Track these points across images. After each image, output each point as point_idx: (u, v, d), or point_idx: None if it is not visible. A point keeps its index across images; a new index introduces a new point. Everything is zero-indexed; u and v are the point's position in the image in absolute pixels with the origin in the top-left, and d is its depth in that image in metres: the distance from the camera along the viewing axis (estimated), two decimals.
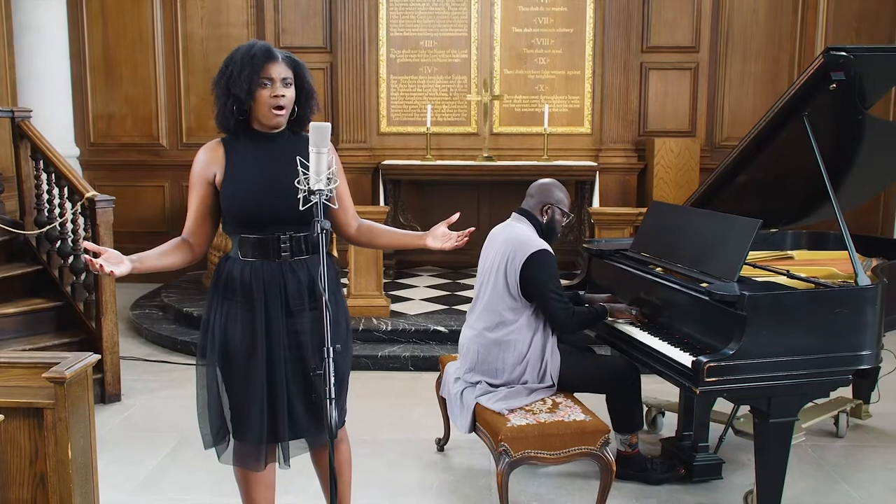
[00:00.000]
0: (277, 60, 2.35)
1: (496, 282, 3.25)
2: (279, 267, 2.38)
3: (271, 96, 2.33)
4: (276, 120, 2.36)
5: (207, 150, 2.45)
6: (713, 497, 3.39)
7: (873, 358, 3.01)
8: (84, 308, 4.61)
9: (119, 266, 2.15)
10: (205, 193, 2.43)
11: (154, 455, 3.81)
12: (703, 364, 2.79)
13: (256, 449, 2.44)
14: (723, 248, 3.18)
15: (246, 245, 2.40)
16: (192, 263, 2.48)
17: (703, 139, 7.36)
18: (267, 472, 2.55)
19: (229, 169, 2.39)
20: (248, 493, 2.57)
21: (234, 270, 2.41)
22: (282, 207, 2.31)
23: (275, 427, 2.41)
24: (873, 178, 3.87)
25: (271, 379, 2.38)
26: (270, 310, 2.37)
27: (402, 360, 5.09)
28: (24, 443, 2.20)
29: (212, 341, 2.43)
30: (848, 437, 4.05)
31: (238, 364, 2.39)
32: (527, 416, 3.02)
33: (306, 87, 2.44)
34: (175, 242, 2.44)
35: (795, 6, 7.36)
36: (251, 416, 2.39)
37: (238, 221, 2.39)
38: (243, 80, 2.30)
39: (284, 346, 2.39)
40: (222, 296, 2.42)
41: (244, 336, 2.38)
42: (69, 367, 2.12)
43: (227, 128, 2.42)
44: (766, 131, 3.45)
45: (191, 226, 2.45)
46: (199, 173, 2.43)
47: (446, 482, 3.55)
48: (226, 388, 2.44)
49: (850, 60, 3.07)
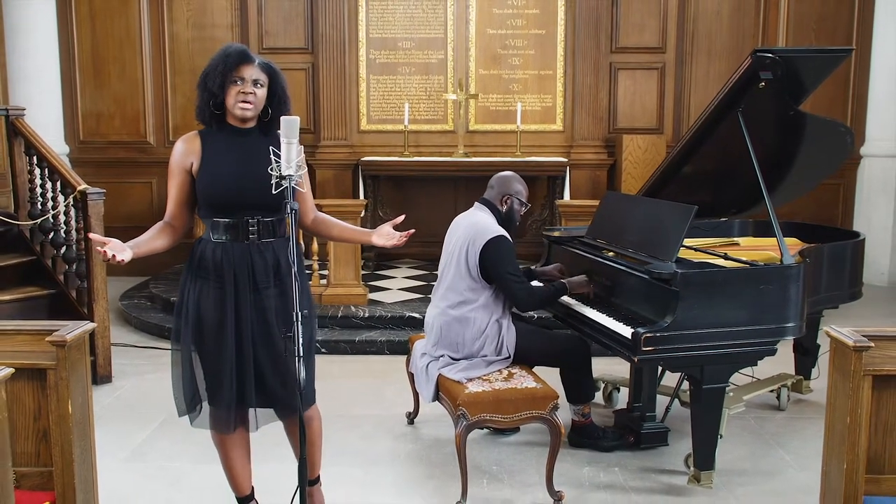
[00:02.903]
0: (251, 63, 2.62)
1: (458, 264, 3.55)
2: (247, 248, 2.65)
3: (239, 92, 2.60)
4: (243, 112, 2.62)
5: (185, 142, 2.72)
6: (658, 461, 3.69)
7: (797, 329, 3.34)
8: (76, 295, 4.88)
9: (123, 253, 2.44)
10: (182, 181, 2.70)
11: (143, 430, 4.08)
12: (640, 335, 3.11)
13: (226, 413, 2.73)
14: (663, 232, 3.48)
15: (218, 228, 2.67)
16: (177, 243, 2.75)
17: (669, 136, 7.68)
18: (239, 434, 2.83)
19: (205, 159, 2.66)
20: (225, 452, 2.87)
21: (206, 251, 2.68)
22: (252, 194, 2.58)
23: (242, 392, 2.69)
24: (814, 169, 4.19)
25: (239, 349, 2.66)
26: (239, 286, 2.65)
27: (378, 344, 5.38)
28: (28, 402, 2.47)
29: (186, 318, 2.70)
30: (789, 410, 4.37)
31: (209, 336, 2.67)
32: (483, 384, 3.32)
33: (279, 92, 2.69)
34: (159, 227, 2.72)
35: (758, 8, 7.71)
36: (222, 384, 2.67)
37: (212, 206, 2.67)
38: (217, 76, 2.59)
39: (252, 320, 2.67)
40: (196, 274, 2.70)
41: (215, 310, 2.66)
42: (70, 332, 2.39)
43: (204, 119, 2.69)
44: (706, 125, 3.77)
45: (172, 210, 2.73)
46: (177, 162, 2.70)
47: (415, 451, 3.85)
48: (199, 358, 2.72)
49: (775, 61, 3.39)
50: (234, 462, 2.88)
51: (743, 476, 3.55)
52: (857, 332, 2.45)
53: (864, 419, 2.44)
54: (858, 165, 7.75)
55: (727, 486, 3.43)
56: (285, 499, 2.66)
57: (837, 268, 3.96)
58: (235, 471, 2.89)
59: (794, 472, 3.60)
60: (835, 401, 2.54)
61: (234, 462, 2.88)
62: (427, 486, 3.47)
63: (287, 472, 2.93)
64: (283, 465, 3.27)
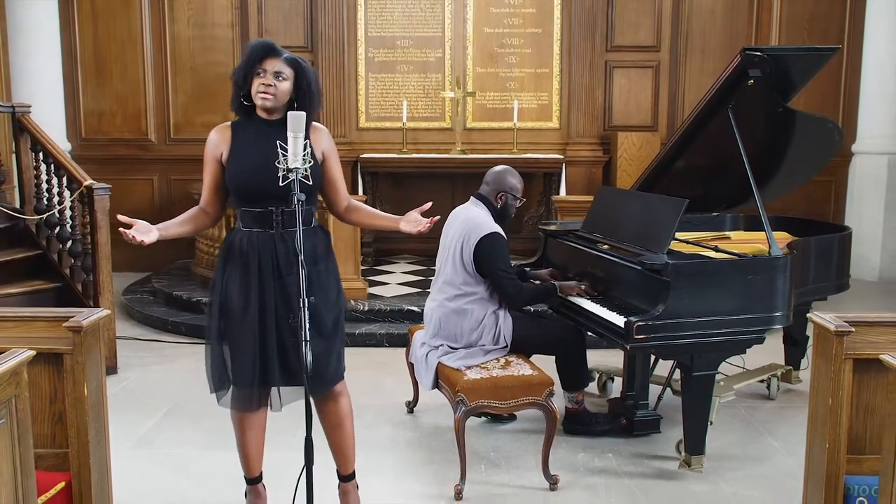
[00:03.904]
0: (275, 56, 2.73)
1: (454, 259, 3.66)
2: (272, 236, 2.77)
3: (261, 83, 2.71)
4: (263, 102, 2.73)
5: (217, 132, 2.85)
6: (651, 447, 3.81)
7: (784, 318, 3.45)
8: (82, 288, 4.98)
9: (148, 235, 2.59)
10: (214, 169, 2.84)
11: (149, 418, 4.19)
12: (632, 324, 3.23)
13: (249, 392, 2.84)
14: (655, 225, 3.60)
15: (246, 217, 2.80)
16: (211, 227, 2.96)
17: (663, 133, 7.80)
18: (258, 414, 2.95)
19: (234, 149, 2.79)
20: (242, 431, 2.97)
21: (235, 239, 2.82)
22: (274, 185, 2.67)
23: (265, 373, 2.80)
24: (804, 164, 4.30)
25: (263, 331, 2.77)
26: (263, 272, 2.76)
27: (377, 336, 5.50)
28: (45, 385, 2.57)
29: (216, 302, 2.84)
30: (778, 399, 4.49)
31: (235, 319, 2.79)
32: (481, 371, 3.44)
33: (303, 86, 2.78)
34: (192, 212, 2.89)
35: (751, 8, 7.84)
36: (245, 364, 2.79)
37: (238, 195, 2.80)
38: (241, 68, 2.74)
39: (277, 305, 2.78)
40: (225, 260, 2.84)
41: (240, 295, 2.78)
42: (86, 318, 2.50)
43: (235, 109, 2.82)
44: (697, 121, 3.88)
45: (206, 197, 2.89)
46: (210, 152, 2.84)
47: (414, 438, 3.96)
48: (226, 340, 2.83)
49: (763, 59, 3.50)
50: (249, 442, 2.98)
51: (733, 461, 3.66)
52: (839, 317, 2.56)
53: (846, 401, 2.56)
54: (850, 162, 7.87)
55: (717, 471, 3.54)
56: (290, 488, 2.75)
57: (824, 260, 4.07)
58: (249, 451, 2.99)
59: (782, 458, 3.72)
60: (818, 384, 2.65)
61: (249, 442, 2.98)
62: (427, 470, 3.58)
63: (297, 459, 3.02)
64: (293, 454, 3.38)
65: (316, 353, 2.58)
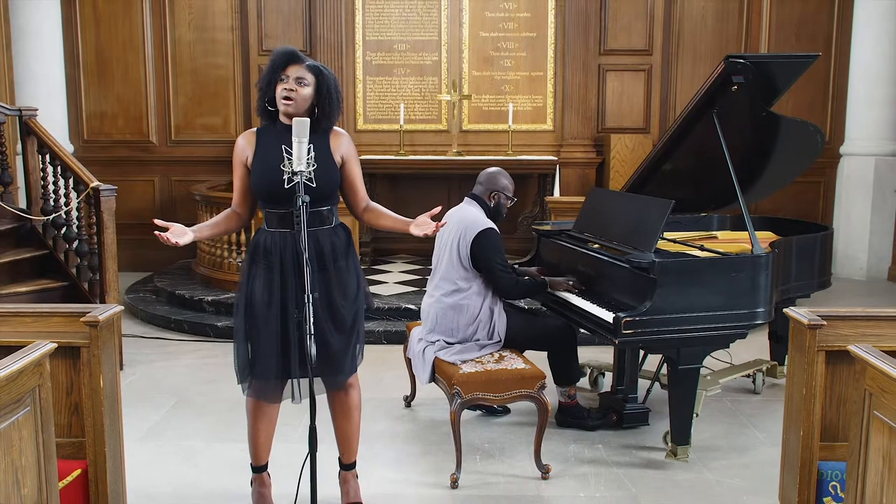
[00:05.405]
0: (298, 63, 2.88)
1: (451, 255, 3.81)
2: (294, 237, 2.89)
3: (283, 89, 2.85)
4: (285, 108, 2.86)
5: (244, 137, 3.01)
6: (639, 439, 3.96)
7: (766, 314, 3.61)
8: (88, 287, 5.11)
9: (183, 237, 2.76)
10: (242, 173, 3.00)
11: (156, 412, 4.33)
12: (621, 319, 3.38)
13: (272, 384, 2.98)
14: (643, 225, 3.75)
15: (271, 218, 2.95)
16: (245, 227, 3.17)
17: (656, 135, 7.94)
18: (274, 406, 3.09)
19: (258, 153, 2.94)
20: (255, 421, 3.10)
21: (261, 239, 2.97)
22: (291, 187, 2.80)
23: (286, 366, 2.93)
24: (788, 166, 4.45)
25: (284, 326, 2.90)
26: (286, 270, 2.90)
27: (376, 334, 5.64)
28: (62, 378, 2.72)
29: (241, 299, 2.98)
30: (764, 393, 4.64)
31: (258, 314, 2.93)
32: (476, 365, 3.59)
33: (324, 91, 2.92)
34: (225, 214, 3.06)
35: (741, 12, 8.00)
36: (269, 358, 2.92)
37: (262, 197, 2.95)
38: (266, 75, 2.89)
39: (297, 301, 2.89)
40: (251, 258, 2.99)
41: (263, 291, 2.92)
42: (102, 314, 2.64)
43: (260, 114, 2.97)
44: (684, 125, 4.03)
45: (236, 199, 3.05)
46: (237, 156, 3.00)
47: (412, 430, 4.10)
48: (251, 336, 2.97)
49: (746, 66, 3.65)
50: (261, 432, 3.12)
51: (717, 451, 3.82)
52: (812, 311, 2.72)
53: (819, 391, 2.71)
54: (838, 164, 8.03)
55: (702, 461, 3.70)
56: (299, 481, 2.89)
57: (806, 258, 4.23)
58: (259, 440, 3.13)
59: (765, 448, 3.87)
60: (793, 375, 2.81)
61: (260, 432, 3.12)
62: (424, 461, 3.73)
63: (299, 450, 3.15)
64: (294, 445, 3.52)
65: (334, 347, 2.72)
